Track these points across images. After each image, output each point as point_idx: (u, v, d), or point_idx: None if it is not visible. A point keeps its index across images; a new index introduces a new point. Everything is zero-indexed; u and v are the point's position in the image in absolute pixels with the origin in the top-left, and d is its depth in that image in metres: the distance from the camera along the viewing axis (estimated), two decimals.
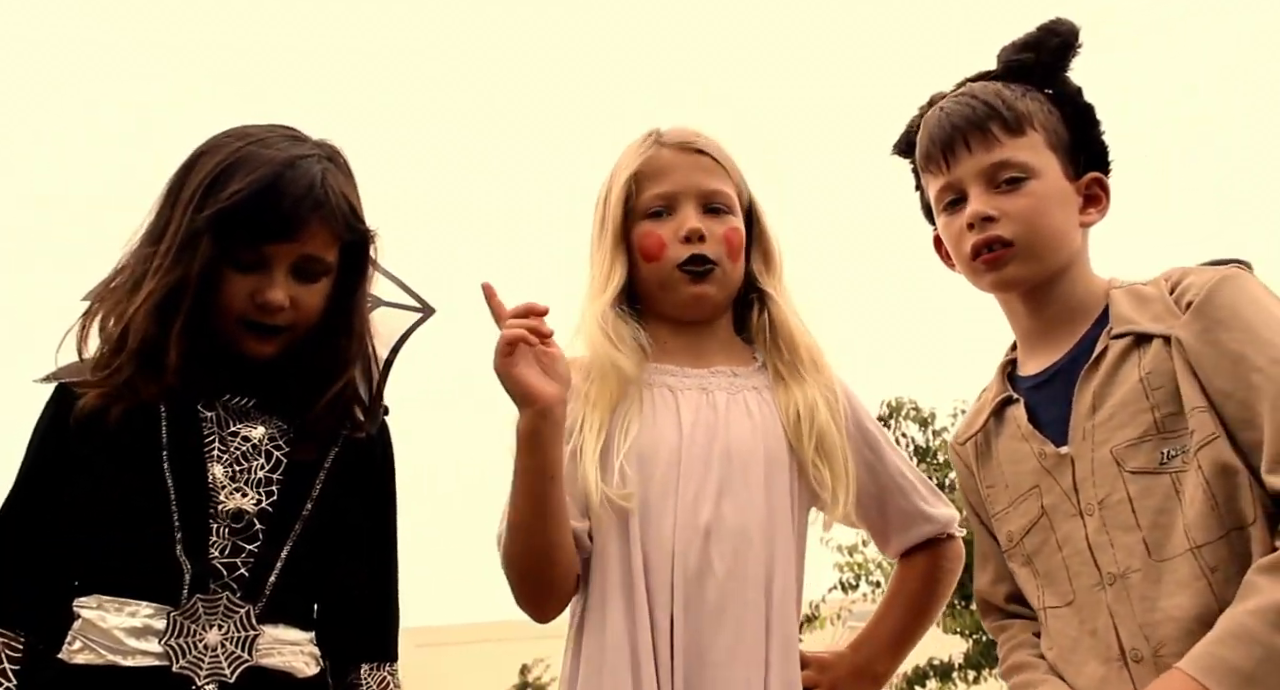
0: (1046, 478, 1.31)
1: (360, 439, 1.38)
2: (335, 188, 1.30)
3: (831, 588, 8.02)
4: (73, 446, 1.27)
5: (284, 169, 1.26)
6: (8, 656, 1.23)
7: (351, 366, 1.37)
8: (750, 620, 1.35)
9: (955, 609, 11.47)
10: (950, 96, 1.41)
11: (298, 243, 1.28)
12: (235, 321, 1.29)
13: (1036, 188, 1.33)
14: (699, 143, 1.50)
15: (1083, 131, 1.39)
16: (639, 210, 1.47)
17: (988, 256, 1.34)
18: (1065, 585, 1.28)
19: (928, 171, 1.41)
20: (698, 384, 1.46)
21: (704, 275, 1.45)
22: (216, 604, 1.23)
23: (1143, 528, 1.21)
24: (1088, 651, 1.25)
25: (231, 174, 1.26)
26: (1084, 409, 1.28)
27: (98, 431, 1.26)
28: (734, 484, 1.39)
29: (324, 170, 1.29)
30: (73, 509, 1.25)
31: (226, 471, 1.27)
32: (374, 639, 1.38)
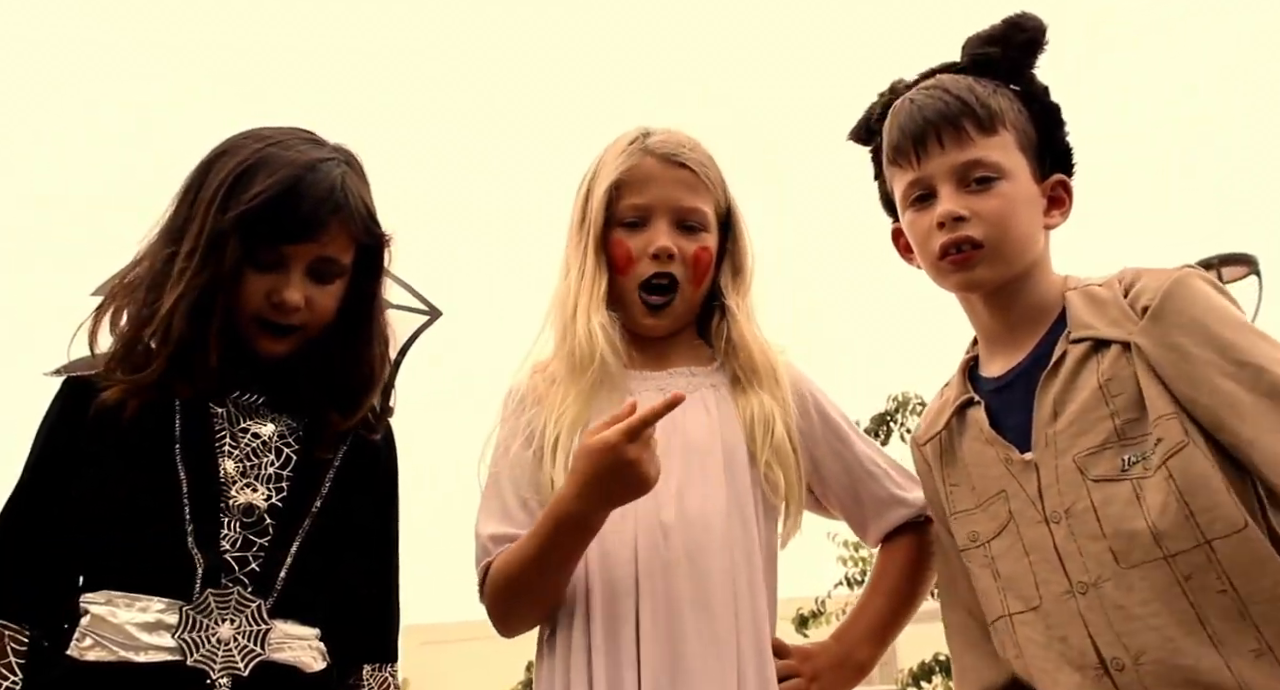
0: (1013, 482, 1.30)
1: (369, 438, 1.40)
2: (354, 191, 1.32)
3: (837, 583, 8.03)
4: (84, 440, 1.28)
5: (305, 172, 1.28)
6: (13, 650, 1.23)
7: (383, 374, 1.39)
8: (720, 612, 1.35)
9: None
10: (919, 88, 1.39)
11: (316, 244, 1.30)
12: (250, 320, 1.30)
13: (1007, 189, 1.32)
14: (682, 156, 1.49)
15: (1049, 132, 1.38)
16: (615, 217, 1.48)
17: (956, 257, 1.32)
18: (1031, 590, 1.27)
19: (895, 164, 1.39)
20: (655, 385, 1.47)
21: (660, 308, 1.47)
22: (228, 598, 1.24)
23: (1107, 536, 1.21)
24: (1059, 658, 1.24)
25: (253, 175, 1.28)
26: (1045, 416, 1.28)
27: (112, 426, 1.27)
28: (693, 477, 1.40)
29: (343, 174, 1.32)
30: (82, 504, 1.25)
31: (238, 467, 1.28)
32: (375, 639, 1.39)
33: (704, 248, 1.49)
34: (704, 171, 1.50)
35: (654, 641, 1.33)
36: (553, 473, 1.40)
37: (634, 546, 1.36)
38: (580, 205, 1.52)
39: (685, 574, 1.35)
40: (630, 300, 1.48)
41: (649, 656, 1.32)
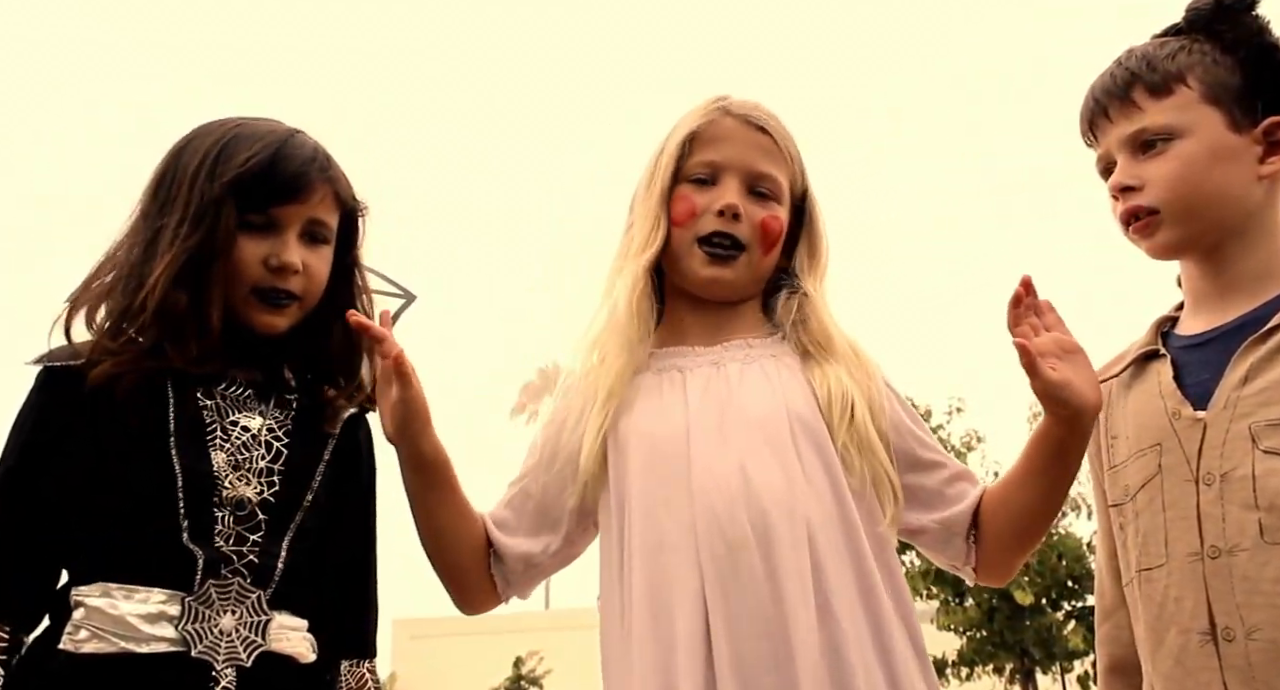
0: (1171, 437, 1.28)
1: (348, 431, 1.39)
2: (332, 157, 1.36)
3: None
4: (72, 430, 1.25)
5: (286, 138, 1.32)
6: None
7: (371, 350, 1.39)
8: (790, 586, 1.25)
9: (950, 606, 11.51)
10: (1105, 68, 1.38)
11: (306, 205, 1.31)
12: (247, 294, 1.30)
13: (1183, 148, 1.29)
14: (762, 119, 1.43)
15: (1262, 74, 1.31)
16: (683, 173, 1.41)
17: (1136, 225, 1.32)
18: (1160, 548, 1.26)
19: (1088, 146, 1.40)
20: (709, 360, 1.40)
21: (725, 259, 1.39)
22: (229, 589, 1.23)
23: (1260, 508, 1.19)
24: (1170, 618, 1.24)
25: (236, 146, 1.29)
26: (1235, 378, 1.25)
27: (103, 415, 1.25)
28: (755, 449, 1.31)
29: (317, 142, 1.36)
30: (72, 495, 1.24)
31: (229, 460, 1.27)
32: (354, 634, 1.38)
33: (774, 216, 1.41)
34: (784, 142, 1.44)
35: (728, 635, 1.24)
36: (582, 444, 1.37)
37: (694, 530, 1.28)
38: (651, 164, 1.45)
39: (756, 553, 1.26)
40: (688, 253, 1.39)
41: (724, 652, 1.24)
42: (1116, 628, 1.39)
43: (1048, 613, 11.21)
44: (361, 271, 1.41)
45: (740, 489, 1.29)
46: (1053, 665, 11.49)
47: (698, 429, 1.33)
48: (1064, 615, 11.30)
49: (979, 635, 11.36)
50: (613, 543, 1.36)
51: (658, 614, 1.28)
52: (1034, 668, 11.34)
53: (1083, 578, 10.88)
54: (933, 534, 1.41)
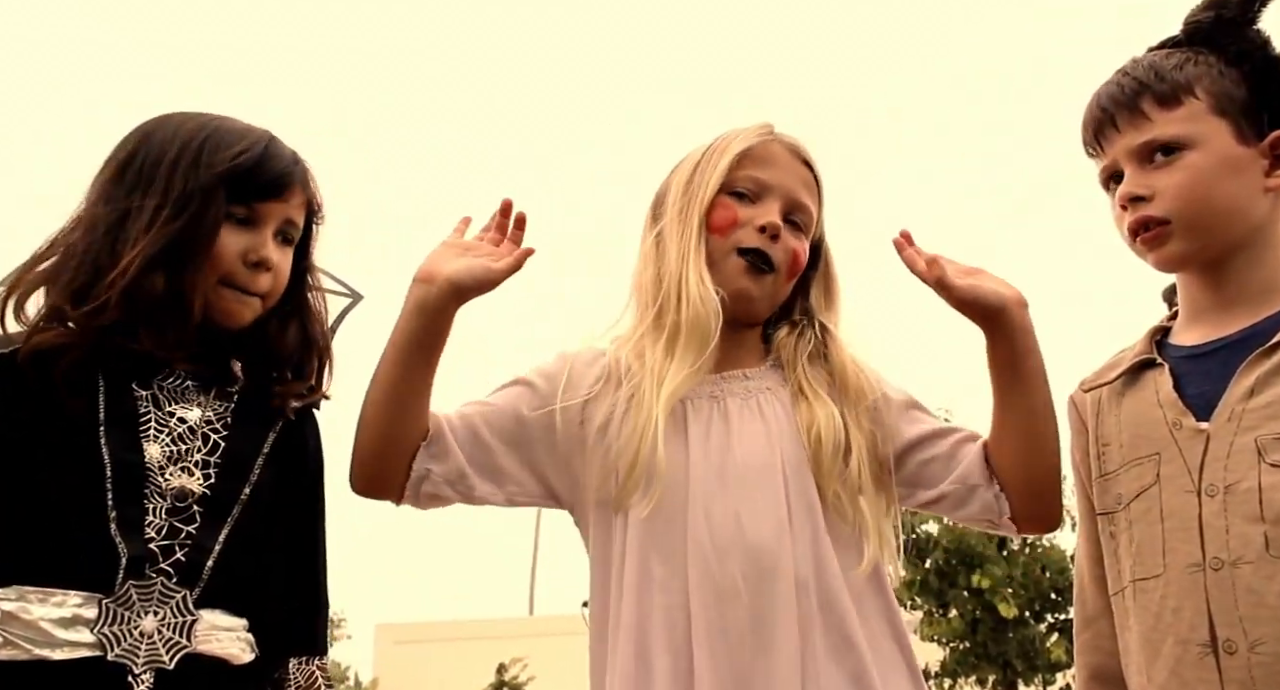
0: (1171, 448, 1.27)
1: (294, 427, 1.37)
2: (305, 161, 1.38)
3: None
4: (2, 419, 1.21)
5: (271, 137, 1.35)
6: None
7: (327, 346, 1.39)
8: (782, 640, 1.26)
9: (933, 617, 11.53)
10: (1110, 77, 1.37)
11: (287, 205, 1.33)
12: (215, 282, 1.29)
13: (1193, 160, 1.28)
14: (806, 154, 1.47)
15: (1267, 87, 1.31)
16: (726, 184, 1.42)
17: (1145, 236, 1.31)
18: (1157, 558, 1.25)
19: (1089, 156, 1.39)
20: (708, 393, 1.40)
21: (761, 273, 1.40)
22: (151, 590, 1.20)
23: (1266, 520, 1.18)
24: (1166, 629, 1.23)
25: (223, 138, 1.31)
26: (1241, 391, 1.24)
27: (35, 402, 1.22)
28: (750, 495, 1.32)
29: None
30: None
31: (164, 451, 1.25)
32: (302, 631, 1.36)
33: (803, 248, 1.44)
34: (820, 181, 1.48)
35: (711, 680, 1.25)
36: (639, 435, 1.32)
37: (685, 574, 1.29)
38: (685, 175, 1.45)
39: (744, 603, 1.27)
40: (727, 262, 1.40)
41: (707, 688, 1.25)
42: (1098, 636, 1.38)
43: (1031, 625, 11.24)
44: (315, 273, 1.42)
45: (734, 539, 1.30)
46: (1035, 677, 11.51)
47: (697, 473, 1.34)
48: (1047, 627, 11.33)
49: (962, 646, 11.38)
50: (606, 563, 1.36)
51: (640, 654, 1.29)
52: (1016, 679, 11.36)
53: (1066, 590, 10.90)
54: (955, 495, 1.40)
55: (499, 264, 1.32)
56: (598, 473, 1.36)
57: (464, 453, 1.37)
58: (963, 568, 10.96)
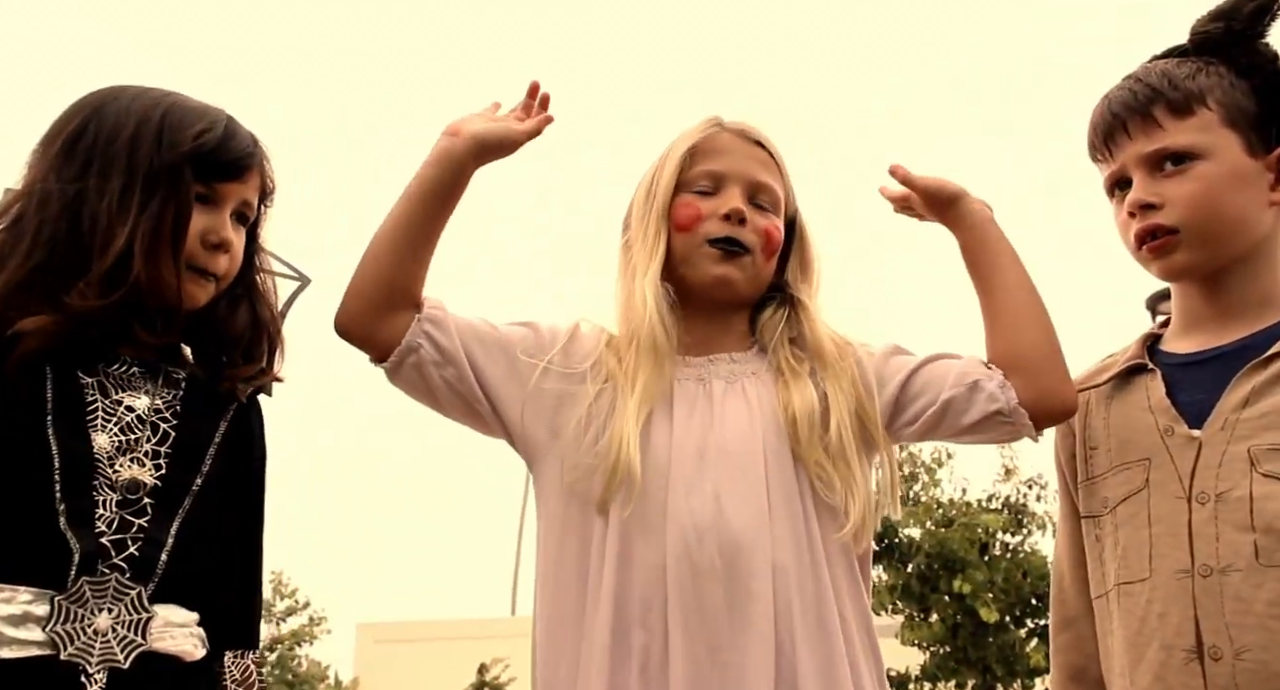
0: (1162, 453, 1.27)
1: (242, 414, 1.35)
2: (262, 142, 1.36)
3: None
4: None
5: (229, 116, 1.32)
6: None
7: (278, 330, 1.38)
8: (759, 621, 1.27)
9: (913, 622, 11.56)
10: (1119, 83, 1.36)
11: (245, 185, 1.31)
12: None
13: (1205, 170, 1.28)
14: (758, 135, 1.48)
15: (1275, 101, 1.31)
16: (684, 184, 1.44)
17: (1152, 244, 1.30)
18: (1143, 563, 1.25)
19: (1094, 161, 1.38)
20: (695, 374, 1.41)
21: (735, 255, 1.41)
22: (105, 586, 1.16)
23: (1257, 529, 1.19)
24: (1151, 633, 1.23)
25: (182, 117, 1.27)
26: (1235, 400, 1.24)
27: None
28: (731, 477, 1.33)
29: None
30: None
31: (112, 441, 1.21)
32: (240, 625, 1.33)
33: (775, 225, 1.45)
34: (778, 157, 1.49)
35: (685, 656, 1.26)
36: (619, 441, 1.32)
37: (663, 554, 1.30)
38: (647, 182, 1.47)
39: (720, 582, 1.28)
40: (697, 253, 1.41)
41: (679, 673, 1.26)
42: (1078, 637, 1.39)
43: (1011, 630, 11.28)
44: (264, 255, 1.40)
45: (713, 518, 1.30)
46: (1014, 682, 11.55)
47: (679, 453, 1.35)
48: (1026, 633, 11.37)
49: (942, 651, 11.41)
50: (585, 536, 1.35)
51: (617, 626, 1.29)
52: (996, 684, 11.40)
53: (1046, 595, 10.90)
54: (959, 399, 1.36)
55: (521, 126, 1.39)
56: (577, 467, 1.36)
57: (462, 346, 1.39)
58: (944, 572, 10.98)
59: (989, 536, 11.13)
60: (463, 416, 1.42)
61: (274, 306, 1.39)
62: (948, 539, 10.91)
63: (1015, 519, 11.20)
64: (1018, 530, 11.29)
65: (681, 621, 1.28)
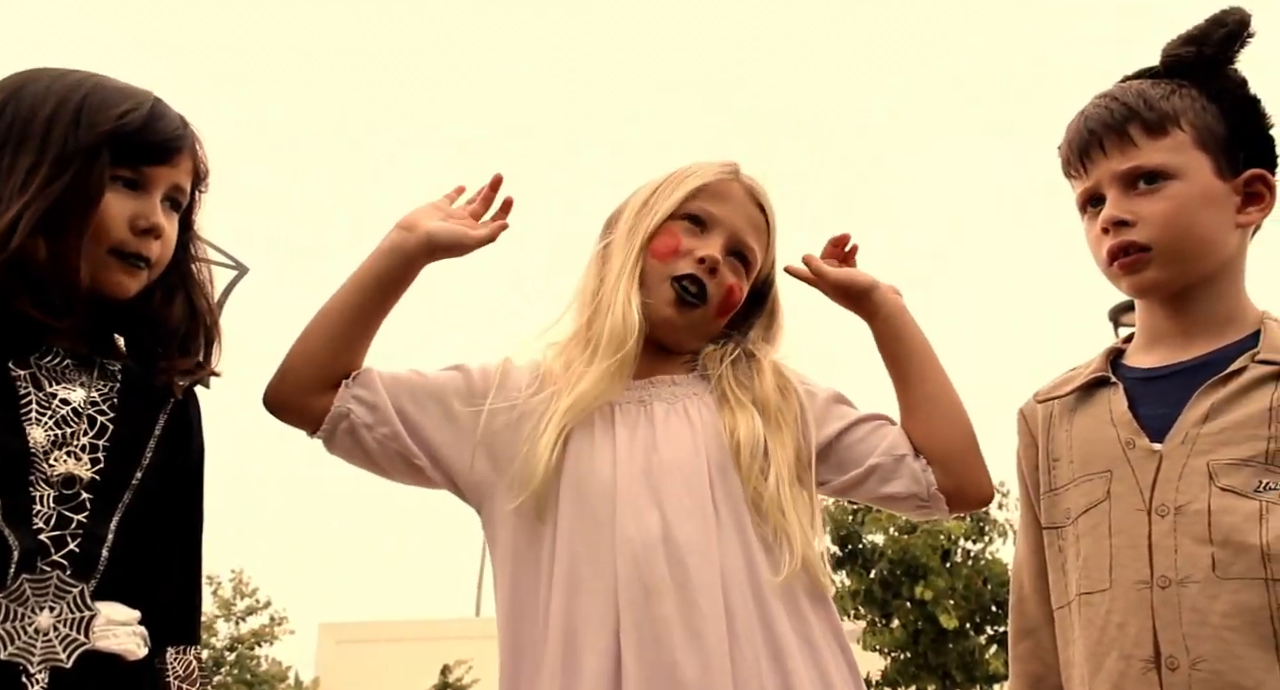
0: (1123, 466, 1.29)
1: (180, 407, 1.32)
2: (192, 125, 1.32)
3: None
4: None
5: (156, 98, 1.28)
6: None
7: (215, 320, 1.35)
8: (711, 635, 1.28)
9: (876, 627, 11.64)
10: (1093, 100, 1.38)
11: (176, 169, 1.28)
12: (105, 252, 1.23)
13: (1177, 189, 1.30)
14: (762, 196, 1.50)
15: (1244, 126, 1.34)
16: (675, 211, 1.45)
17: (1124, 260, 1.32)
18: (1103, 573, 1.27)
19: (1068, 177, 1.40)
20: (635, 397, 1.42)
21: (691, 306, 1.43)
22: (46, 584, 1.14)
23: (1214, 542, 1.21)
24: (1110, 643, 1.25)
25: (105, 97, 1.23)
26: (1196, 415, 1.27)
27: None
28: (677, 494, 1.34)
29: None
30: None
31: (48, 435, 1.18)
32: (180, 621, 1.31)
33: (739, 286, 1.47)
34: (773, 226, 1.51)
35: (638, 675, 1.26)
36: (537, 443, 1.35)
37: (613, 573, 1.31)
38: (640, 202, 1.48)
39: (671, 598, 1.29)
40: (660, 288, 1.43)
41: (639, 680, 1.26)
42: (1038, 646, 1.40)
43: (971, 636, 11.38)
44: (199, 243, 1.37)
45: (659, 535, 1.31)
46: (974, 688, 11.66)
47: (624, 472, 1.36)
48: (986, 639, 11.47)
49: (903, 656, 11.49)
50: (535, 565, 1.36)
51: (568, 652, 1.30)
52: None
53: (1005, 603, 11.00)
54: (884, 468, 1.42)
55: (476, 231, 1.39)
56: (516, 480, 1.37)
57: (392, 402, 1.39)
58: (906, 579, 11.07)
59: (951, 543, 11.23)
60: (404, 475, 1.43)
61: (210, 296, 1.36)
62: (910, 545, 10.99)
63: (977, 526, 11.29)
64: (979, 537, 11.39)
65: (635, 641, 1.28)
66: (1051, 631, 1.38)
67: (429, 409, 1.41)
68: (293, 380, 1.38)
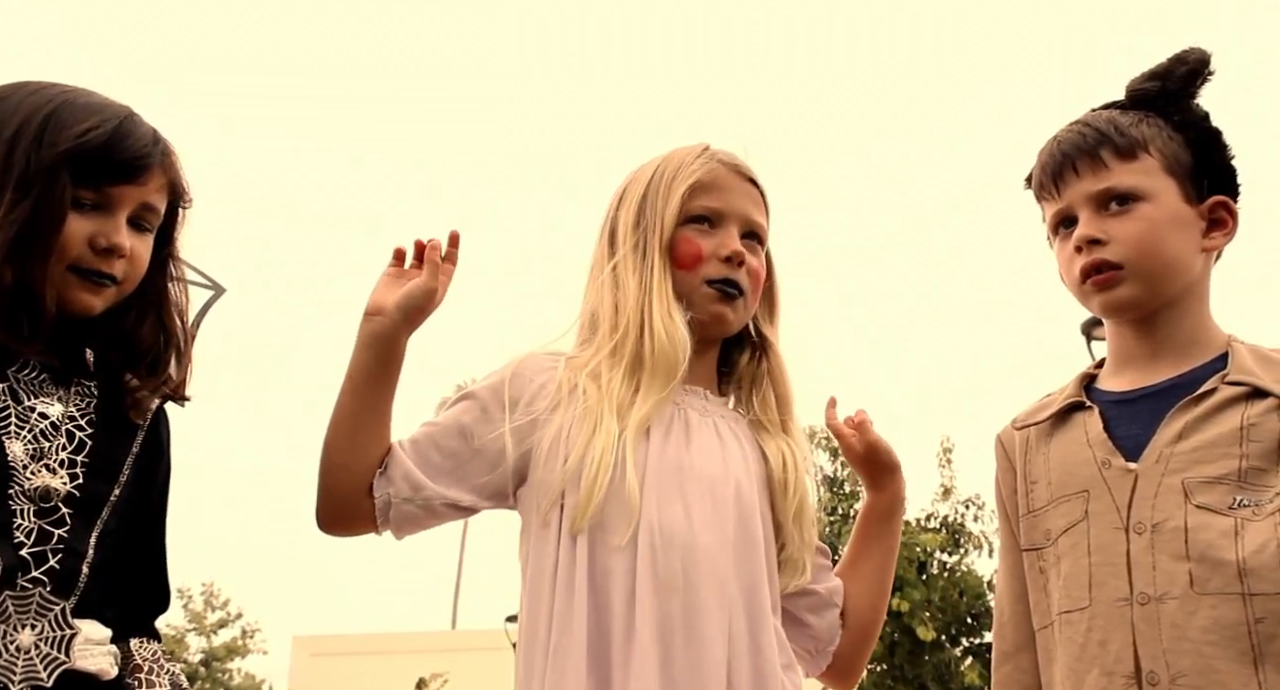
0: (1100, 485, 1.32)
1: (152, 428, 1.32)
2: (169, 143, 1.29)
3: None
4: None
5: (126, 115, 1.25)
6: None
7: (188, 341, 1.34)
8: (711, 642, 1.31)
9: None
10: (1066, 126, 1.43)
11: (143, 188, 1.25)
12: (64, 270, 1.21)
13: (1148, 211, 1.35)
14: (750, 172, 1.51)
15: (1208, 156, 1.39)
16: (681, 215, 1.46)
17: (1096, 278, 1.35)
18: (1083, 591, 1.30)
19: (1041, 199, 1.44)
20: (670, 399, 1.43)
21: (732, 298, 1.45)
22: (28, 602, 1.13)
23: (1191, 559, 1.23)
24: (1092, 660, 1.27)
25: (69, 115, 1.21)
26: (1169, 435, 1.30)
27: None
28: (701, 503, 1.37)
29: (153, 126, 1.28)
30: None
31: (26, 449, 1.18)
32: (145, 618, 1.31)
33: (761, 263, 1.50)
34: (766, 194, 1.53)
35: (644, 664, 1.29)
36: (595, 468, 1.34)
37: (633, 567, 1.32)
38: (634, 207, 1.48)
39: (680, 598, 1.31)
40: (698, 294, 1.45)
41: (638, 677, 1.28)
42: (1018, 670, 1.42)
43: (947, 648, 11.42)
44: (178, 262, 1.35)
45: (681, 534, 1.34)
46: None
47: (654, 469, 1.37)
48: (962, 651, 11.52)
49: (880, 668, 11.52)
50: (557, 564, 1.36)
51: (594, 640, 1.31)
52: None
53: (981, 615, 11.06)
54: (819, 599, 1.51)
55: (432, 283, 1.39)
56: (550, 490, 1.38)
57: (419, 467, 1.39)
58: None
59: (927, 556, 11.26)
60: (465, 514, 1.45)
61: (185, 317, 1.35)
62: None
63: (953, 538, 11.34)
64: (955, 550, 11.43)
65: (652, 631, 1.30)
66: (1031, 655, 1.40)
67: (456, 454, 1.41)
68: (334, 498, 1.39)
